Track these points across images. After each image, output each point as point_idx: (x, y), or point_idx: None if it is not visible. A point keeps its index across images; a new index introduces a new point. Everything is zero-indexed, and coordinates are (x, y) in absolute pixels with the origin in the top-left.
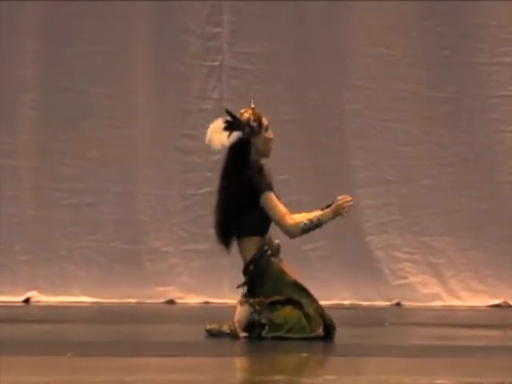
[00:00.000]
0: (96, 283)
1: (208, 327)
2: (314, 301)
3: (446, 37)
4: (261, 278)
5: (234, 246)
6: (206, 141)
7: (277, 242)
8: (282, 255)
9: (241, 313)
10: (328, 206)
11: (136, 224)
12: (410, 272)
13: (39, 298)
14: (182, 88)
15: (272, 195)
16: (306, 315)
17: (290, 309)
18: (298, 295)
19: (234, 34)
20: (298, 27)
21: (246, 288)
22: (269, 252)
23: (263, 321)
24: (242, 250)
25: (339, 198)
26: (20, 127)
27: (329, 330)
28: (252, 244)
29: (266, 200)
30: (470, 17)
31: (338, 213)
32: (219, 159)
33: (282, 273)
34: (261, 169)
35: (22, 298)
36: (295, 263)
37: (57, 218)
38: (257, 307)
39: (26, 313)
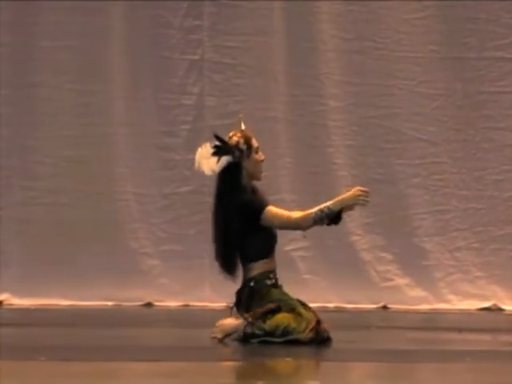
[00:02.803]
0: (71, 285)
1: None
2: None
3: (435, 31)
4: (259, 298)
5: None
6: (195, 167)
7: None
8: None
9: (232, 324)
10: None
11: (113, 224)
12: (397, 274)
13: (12, 300)
14: (160, 83)
15: (270, 208)
16: (299, 314)
17: (282, 315)
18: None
19: (214, 26)
20: (281, 20)
21: (235, 307)
22: (273, 281)
23: (257, 332)
24: (245, 273)
25: (356, 188)
26: None
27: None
28: (257, 268)
29: (267, 215)
30: (459, 11)
31: (352, 202)
32: None
33: (283, 294)
34: (254, 189)
35: None
36: (278, 265)
37: (30, 218)
38: (250, 319)
39: None
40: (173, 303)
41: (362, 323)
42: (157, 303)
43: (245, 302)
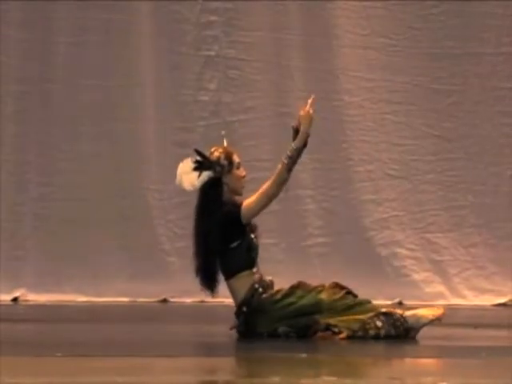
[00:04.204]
0: (87, 281)
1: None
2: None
3: (450, 27)
4: (258, 316)
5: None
6: (176, 182)
7: (269, 278)
8: (280, 255)
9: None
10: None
11: (130, 220)
12: (413, 269)
13: (28, 296)
14: (177, 79)
15: (244, 201)
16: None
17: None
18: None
19: (230, 22)
20: (296, 16)
21: (239, 329)
22: (260, 290)
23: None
24: (232, 291)
25: (305, 112)
26: (6, 119)
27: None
28: (242, 282)
29: (245, 210)
30: (474, 5)
31: (309, 127)
32: None
33: (277, 301)
34: (235, 205)
35: (10, 297)
36: (294, 260)
37: (46, 214)
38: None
39: (13, 312)
40: (188, 299)
41: None
42: (172, 299)
43: (248, 326)
